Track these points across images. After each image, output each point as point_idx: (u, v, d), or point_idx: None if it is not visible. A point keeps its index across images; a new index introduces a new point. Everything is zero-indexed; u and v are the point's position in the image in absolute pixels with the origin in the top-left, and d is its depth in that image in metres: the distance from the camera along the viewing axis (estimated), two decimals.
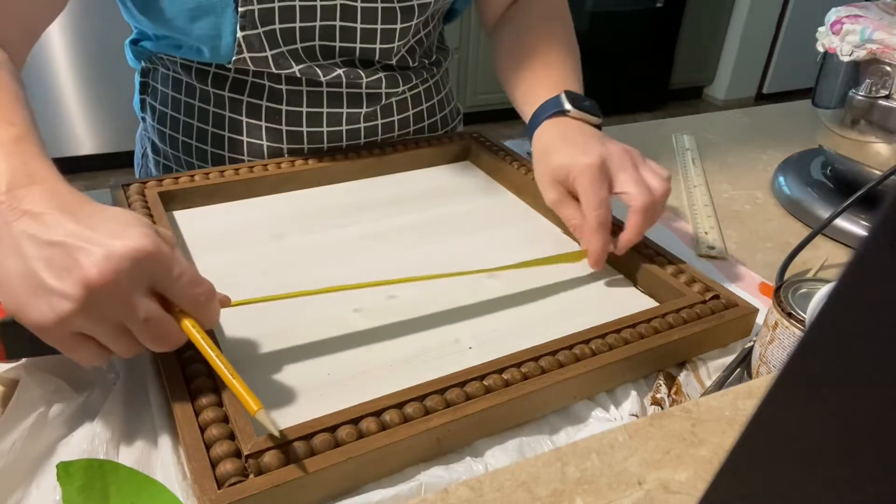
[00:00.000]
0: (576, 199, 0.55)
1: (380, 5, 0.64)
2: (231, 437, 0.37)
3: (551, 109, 0.61)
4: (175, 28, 0.62)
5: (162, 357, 0.42)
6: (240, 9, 0.59)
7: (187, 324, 0.39)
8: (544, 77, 0.66)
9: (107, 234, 0.35)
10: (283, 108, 0.68)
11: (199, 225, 0.61)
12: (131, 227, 0.36)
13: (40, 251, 0.35)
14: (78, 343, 0.36)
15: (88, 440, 0.39)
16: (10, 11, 0.53)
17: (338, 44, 0.65)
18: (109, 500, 0.36)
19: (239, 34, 0.60)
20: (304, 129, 0.69)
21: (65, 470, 0.36)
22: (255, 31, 0.61)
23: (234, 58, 0.62)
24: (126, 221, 0.37)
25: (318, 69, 0.65)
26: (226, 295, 0.43)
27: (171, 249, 0.38)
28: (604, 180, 0.53)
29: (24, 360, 0.42)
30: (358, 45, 0.66)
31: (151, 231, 0.37)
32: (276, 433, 0.36)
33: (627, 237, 0.53)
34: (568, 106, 0.60)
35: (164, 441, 0.40)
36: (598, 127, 0.62)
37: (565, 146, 0.57)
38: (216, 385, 0.41)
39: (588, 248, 0.54)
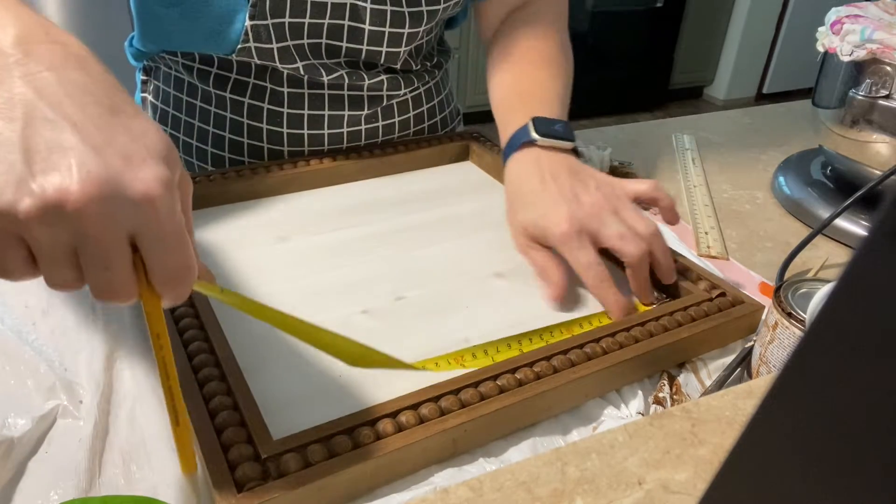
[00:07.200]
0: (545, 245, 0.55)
1: (389, 8, 0.64)
2: (248, 440, 0.37)
3: (521, 139, 0.60)
4: (185, 11, 0.62)
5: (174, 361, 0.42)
6: None
7: (153, 311, 0.32)
8: (519, 102, 0.65)
9: (120, 156, 0.29)
10: (285, 110, 0.68)
11: (202, 228, 0.61)
12: (150, 160, 0.30)
13: (33, 126, 0.28)
14: (7, 244, 0.29)
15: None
16: None
17: (344, 44, 0.66)
18: None
19: (248, 22, 0.60)
20: (305, 131, 0.69)
21: None
22: (264, 22, 0.61)
23: (239, 46, 0.62)
24: (150, 147, 0.30)
25: (321, 68, 0.66)
26: (208, 271, 0.38)
27: (175, 202, 0.31)
28: (583, 243, 0.52)
29: None
30: (364, 48, 0.66)
31: (168, 175, 0.30)
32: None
33: (638, 292, 0.53)
34: (535, 135, 0.59)
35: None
36: (575, 151, 0.61)
37: (533, 200, 0.55)
38: (229, 388, 0.41)
39: (603, 305, 0.52)
